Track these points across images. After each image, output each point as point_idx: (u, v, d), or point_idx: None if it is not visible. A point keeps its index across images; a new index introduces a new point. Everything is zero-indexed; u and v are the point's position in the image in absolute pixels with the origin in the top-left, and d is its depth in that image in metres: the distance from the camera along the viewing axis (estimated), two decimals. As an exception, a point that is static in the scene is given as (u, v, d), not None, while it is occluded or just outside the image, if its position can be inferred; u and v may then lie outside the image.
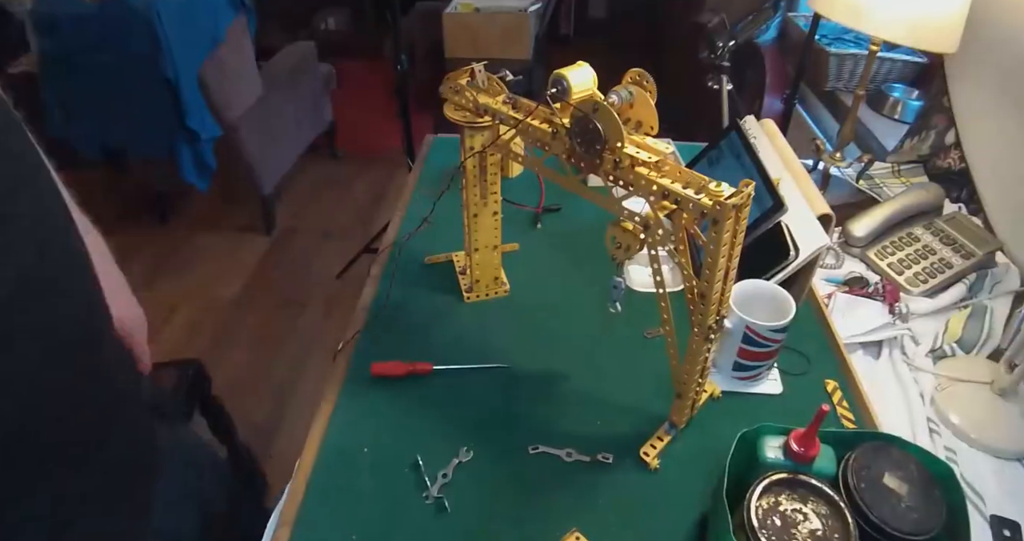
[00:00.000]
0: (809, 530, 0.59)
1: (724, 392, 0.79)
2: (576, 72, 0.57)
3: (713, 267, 0.57)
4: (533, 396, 0.79)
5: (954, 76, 1.31)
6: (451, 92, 0.72)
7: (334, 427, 0.75)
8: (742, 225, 0.56)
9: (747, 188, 0.54)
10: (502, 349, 0.84)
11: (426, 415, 0.76)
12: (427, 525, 0.65)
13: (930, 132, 1.36)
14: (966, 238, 1.08)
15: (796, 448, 0.57)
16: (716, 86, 1.62)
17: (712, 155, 0.98)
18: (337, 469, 0.71)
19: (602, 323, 0.88)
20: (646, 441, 0.72)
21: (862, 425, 0.76)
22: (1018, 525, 0.73)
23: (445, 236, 0.99)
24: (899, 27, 1.03)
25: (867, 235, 1.11)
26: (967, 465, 0.80)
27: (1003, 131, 1.17)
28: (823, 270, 1.09)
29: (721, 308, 0.62)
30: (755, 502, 0.55)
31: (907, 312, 0.99)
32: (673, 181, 0.56)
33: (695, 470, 0.70)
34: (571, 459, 0.71)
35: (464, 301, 0.92)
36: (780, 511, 0.60)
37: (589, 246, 1.00)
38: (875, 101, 1.67)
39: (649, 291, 0.83)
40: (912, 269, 1.06)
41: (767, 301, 0.78)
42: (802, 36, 1.76)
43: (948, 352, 0.95)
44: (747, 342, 0.76)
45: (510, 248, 1.00)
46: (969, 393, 0.86)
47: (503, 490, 0.69)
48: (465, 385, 0.80)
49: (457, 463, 0.70)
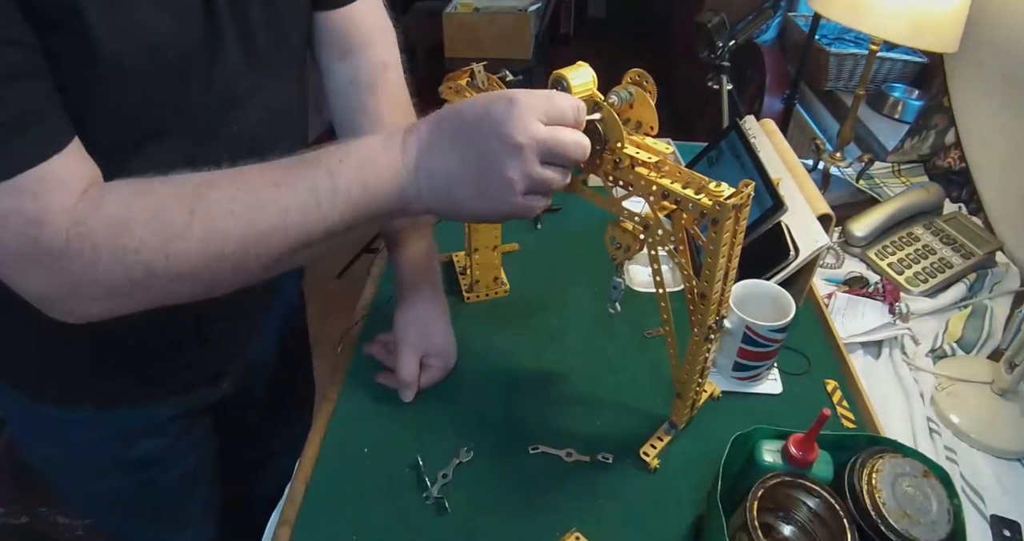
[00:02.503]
0: (809, 532, 0.59)
1: (724, 392, 0.79)
2: (576, 72, 0.57)
3: (713, 267, 0.57)
4: (533, 396, 0.79)
5: (954, 76, 1.31)
6: (451, 92, 0.72)
7: (334, 427, 0.75)
8: (742, 225, 0.56)
9: (747, 188, 0.54)
10: (502, 349, 0.84)
11: (426, 415, 0.76)
12: (427, 525, 0.65)
13: (930, 132, 1.36)
14: (966, 238, 1.09)
15: (795, 452, 0.57)
16: (716, 86, 1.62)
17: (712, 155, 0.98)
18: (337, 469, 0.71)
19: (602, 323, 0.88)
20: (646, 441, 0.72)
21: (862, 425, 0.76)
22: (1018, 525, 0.73)
23: (445, 236, 0.98)
24: (899, 27, 1.03)
25: (867, 235, 1.11)
26: (967, 465, 0.80)
27: (1003, 131, 1.17)
28: (823, 270, 1.10)
29: (721, 308, 0.62)
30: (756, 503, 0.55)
31: (907, 312, 0.99)
32: (673, 181, 0.56)
33: (695, 470, 0.70)
34: (571, 459, 0.71)
35: (464, 301, 0.92)
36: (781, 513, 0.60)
37: (589, 246, 1.00)
38: (875, 101, 1.67)
39: (649, 291, 0.83)
40: (912, 269, 1.06)
41: (767, 301, 0.78)
42: (802, 36, 1.77)
43: (948, 352, 0.95)
44: (747, 342, 0.76)
45: (510, 248, 1.00)
46: (969, 393, 0.86)
47: (503, 490, 0.69)
48: (465, 385, 0.80)
49: (457, 463, 0.70)
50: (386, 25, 0.78)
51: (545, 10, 3.49)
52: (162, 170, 0.51)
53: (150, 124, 0.54)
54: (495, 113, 0.50)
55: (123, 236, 0.47)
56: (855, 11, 1.06)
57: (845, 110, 1.44)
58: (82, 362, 0.68)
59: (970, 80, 1.27)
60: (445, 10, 3.14)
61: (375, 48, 0.76)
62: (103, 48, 0.47)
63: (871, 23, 1.05)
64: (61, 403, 0.71)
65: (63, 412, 0.72)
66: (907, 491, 0.55)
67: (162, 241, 0.47)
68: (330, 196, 0.50)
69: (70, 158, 0.47)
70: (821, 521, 0.57)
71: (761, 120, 1.06)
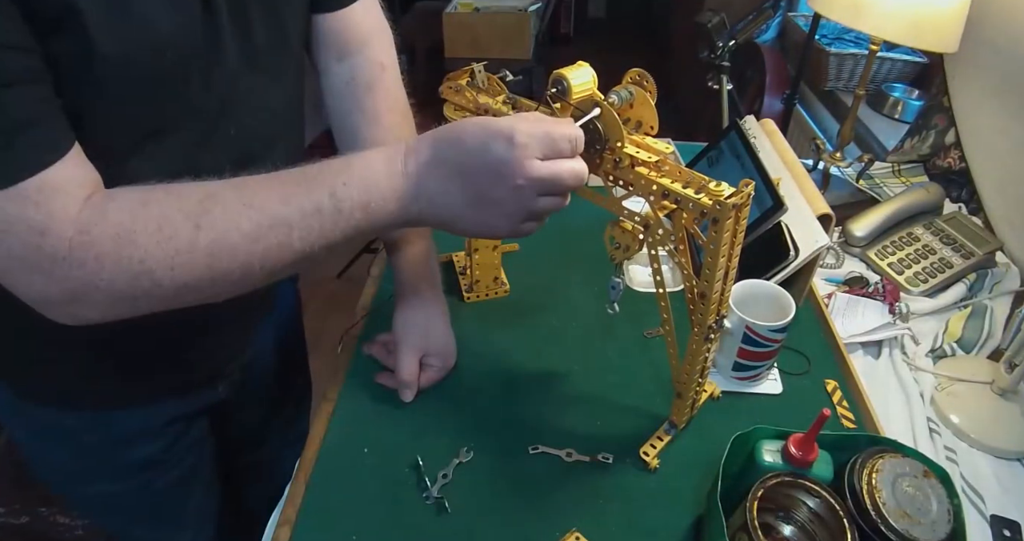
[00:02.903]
0: (809, 532, 0.59)
1: (724, 392, 0.79)
2: (576, 72, 0.57)
3: (713, 267, 0.57)
4: (533, 396, 0.79)
5: (954, 76, 1.31)
6: (451, 92, 0.72)
7: (334, 427, 0.75)
8: (742, 225, 0.56)
9: (747, 188, 0.54)
10: (502, 349, 0.84)
11: (426, 415, 0.76)
12: (427, 525, 0.65)
13: (930, 132, 1.36)
14: (966, 238, 1.08)
15: (795, 452, 0.57)
16: (716, 86, 1.62)
17: (712, 155, 0.98)
18: (337, 469, 0.71)
19: (602, 323, 0.88)
20: (646, 441, 0.72)
21: (862, 425, 0.76)
22: (1018, 525, 0.73)
23: (445, 236, 0.98)
24: (899, 27, 1.03)
25: (867, 235, 1.11)
26: (967, 465, 0.80)
27: (1003, 131, 1.17)
28: (823, 270, 1.09)
29: (721, 308, 0.62)
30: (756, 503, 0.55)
31: (907, 312, 0.99)
32: (673, 181, 0.56)
33: (695, 470, 0.70)
34: (571, 459, 0.71)
35: (464, 301, 0.92)
36: (781, 513, 0.60)
37: (589, 246, 1.00)
38: (875, 101, 1.67)
39: (649, 291, 0.83)
40: (912, 269, 1.06)
41: (767, 301, 0.78)
42: (802, 36, 1.77)
43: (948, 352, 0.95)
44: (747, 342, 0.75)
45: (510, 248, 1.00)
46: (969, 393, 0.86)
47: (503, 490, 0.69)
48: (465, 385, 0.80)
49: (457, 463, 0.70)
50: (383, 26, 0.79)
51: (545, 10, 3.49)
52: (162, 170, 0.51)
53: (149, 124, 0.55)
54: (495, 152, 0.52)
55: (128, 247, 0.47)
56: (855, 11, 1.06)
57: (845, 110, 1.44)
58: (81, 363, 0.68)
59: (970, 80, 1.27)
60: (445, 10, 3.13)
61: (372, 49, 0.77)
62: (102, 49, 0.47)
63: (871, 23, 1.05)
64: (60, 405, 0.71)
65: (63, 415, 0.72)
66: (907, 491, 0.55)
67: (167, 255, 0.48)
68: (333, 216, 0.52)
69: (72, 164, 0.47)
70: (821, 521, 0.57)
71: (761, 120, 1.06)
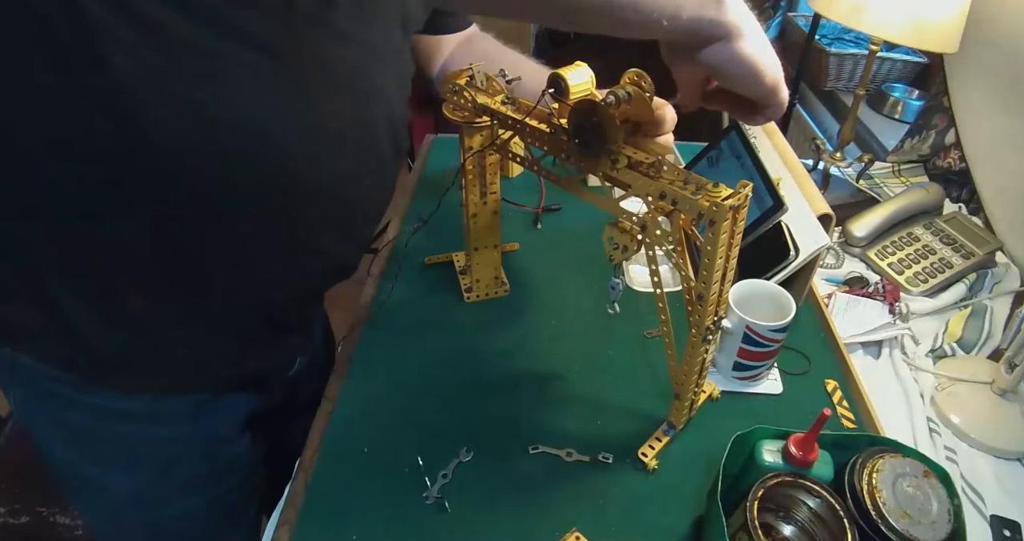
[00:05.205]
0: (810, 532, 0.59)
1: (724, 392, 0.79)
2: (574, 72, 0.57)
3: (710, 268, 0.57)
4: (533, 396, 0.79)
5: (954, 76, 1.31)
6: (450, 92, 0.72)
7: (334, 427, 0.75)
8: (740, 226, 0.56)
9: (744, 189, 0.54)
10: (502, 349, 0.85)
11: (426, 415, 0.76)
12: (427, 525, 0.65)
13: (930, 132, 1.36)
14: (966, 238, 1.09)
15: (795, 452, 0.57)
16: (716, 86, 1.62)
17: (712, 155, 0.98)
18: (337, 469, 0.71)
19: (602, 323, 0.88)
20: (645, 441, 0.72)
21: (862, 425, 0.76)
22: (1018, 525, 0.73)
23: (445, 236, 0.99)
24: (899, 27, 1.03)
25: (867, 235, 1.11)
26: (967, 465, 0.80)
27: (1003, 131, 1.17)
28: (823, 270, 1.10)
29: (719, 309, 0.62)
30: (756, 503, 0.55)
31: (907, 312, 0.99)
32: (671, 182, 0.56)
33: (695, 470, 0.70)
34: (571, 459, 0.71)
35: (464, 301, 0.92)
36: (781, 513, 0.60)
37: (589, 246, 1.00)
38: (875, 101, 1.67)
39: (649, 291, 0.83)
40: (912, 269, 1.06)
41: (767, 301, 0.78)
42: (802, 36, 1.76)
43: (948, 352, 0.95)
44: (747, 342, 0.76)
45: (510, 248, 1.00)
46: (969, 393, 0.86)
47: (503, 490, 0.69)
48: (465, 385, 0.80)
49: (457, 463, 0.70)
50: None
51: (545, 10, 3.49)
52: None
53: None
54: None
55: None
56: (855, 11, 1.06)
57: (845, 110, 1.44)
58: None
59: (970, 80, 1.27)
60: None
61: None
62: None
63: (871, 23, 1.05)
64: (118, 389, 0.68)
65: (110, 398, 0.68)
66: (907, 491, 0.55)
67: None
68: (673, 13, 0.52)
69: None
70: (821, 521, 0.57)
71: (761, 120, 1.06)
